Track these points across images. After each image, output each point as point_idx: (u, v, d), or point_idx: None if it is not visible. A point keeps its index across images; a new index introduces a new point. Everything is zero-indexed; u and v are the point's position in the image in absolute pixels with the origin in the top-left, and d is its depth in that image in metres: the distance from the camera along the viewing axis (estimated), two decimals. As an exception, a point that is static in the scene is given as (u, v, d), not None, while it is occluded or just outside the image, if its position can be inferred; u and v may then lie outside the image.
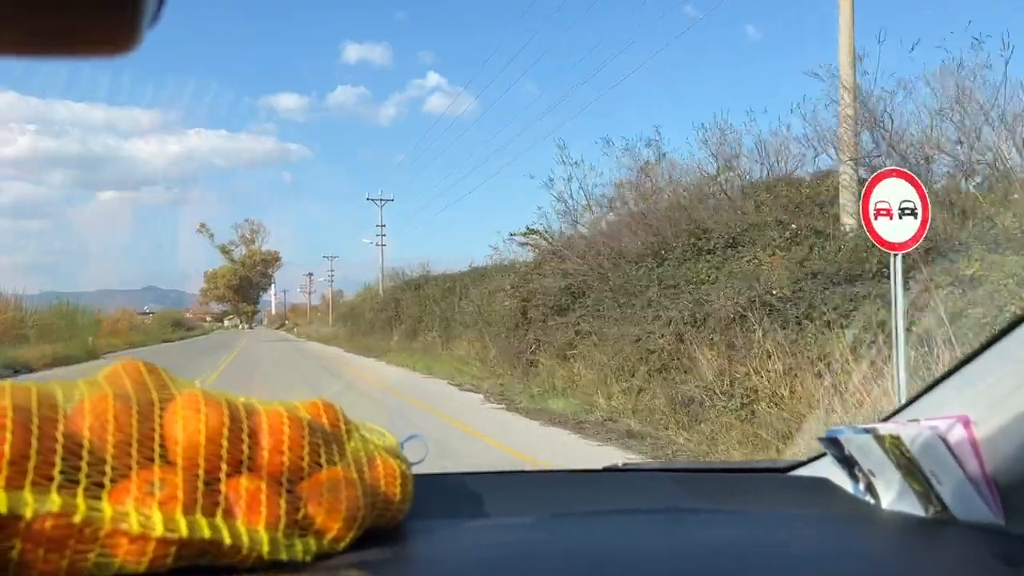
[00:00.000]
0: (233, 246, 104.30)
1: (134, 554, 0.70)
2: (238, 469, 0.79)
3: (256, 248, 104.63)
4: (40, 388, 0.76)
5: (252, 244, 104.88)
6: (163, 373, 0.86)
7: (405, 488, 0.94)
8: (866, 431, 1.06)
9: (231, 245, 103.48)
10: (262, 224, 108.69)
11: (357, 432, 0.94)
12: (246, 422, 0.81)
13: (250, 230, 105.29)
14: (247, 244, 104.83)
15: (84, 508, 0.69)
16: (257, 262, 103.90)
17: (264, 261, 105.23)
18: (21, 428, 0.70)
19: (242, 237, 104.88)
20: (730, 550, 0.93)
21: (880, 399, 5.70)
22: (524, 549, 0.91)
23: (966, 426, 0.93)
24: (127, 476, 0.73)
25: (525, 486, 1.32)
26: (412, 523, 0.97)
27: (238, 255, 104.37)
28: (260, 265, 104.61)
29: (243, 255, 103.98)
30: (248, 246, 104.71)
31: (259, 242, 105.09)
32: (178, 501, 0.73)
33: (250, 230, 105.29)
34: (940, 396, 1.03)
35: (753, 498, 1.22)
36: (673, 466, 1.48)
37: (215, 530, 0.73)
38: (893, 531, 1.03)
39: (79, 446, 0.72)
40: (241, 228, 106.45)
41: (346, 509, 0.82)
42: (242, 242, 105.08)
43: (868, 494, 1.13)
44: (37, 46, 0.42)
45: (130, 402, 0.78)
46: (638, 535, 1.00)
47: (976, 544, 0.93)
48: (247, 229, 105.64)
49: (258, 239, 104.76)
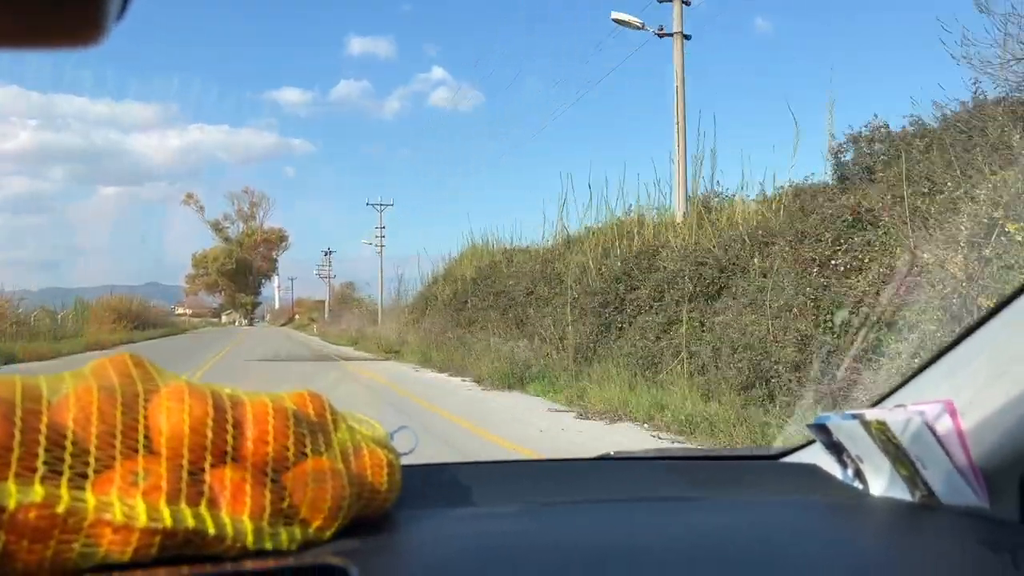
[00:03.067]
0: (228, 222, 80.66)
1: (118, 544, 0.71)
2: (223, 459, 0.79)
3: (257, 226, 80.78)
4: (24, 380, 0.76)
5: (252, 220, 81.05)
6: (149, 365, 0.87)
7: (392, 478, 0.94)
8: (853, 417, 1.07)
9: (225, 221, 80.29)
10: (264, 195, 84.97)
11: (344, 422, 0.94)
12: (231, 412, 0.81)
13: (249, 202, 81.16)
14: (245, 220, 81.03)
15: (68, 498, 0.69)
16: (258, 242, 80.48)
17: (267, 241, 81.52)
18: (4, 420, 0.70)
19: (239, 211, 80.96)
20: (720, 537, 0.93)
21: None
22: (514, 538, 0.91)
23: (951, 411, 0.93)
24: (111, 467, 0.74)
25: (516, 476, 1.33)
26: (401, 513, 0.97)
27: (234, 233, 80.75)
28: (262, 246, 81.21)
29: (240, 233, 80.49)
30: (247, 222, 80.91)
31: (261, 218, 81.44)
32: (162, 491, 0.73)
33: (249, 202, 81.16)
34: (926, 381, 1.03)
35: (743, 485, 1.23)
36: (664, 454, 1.49)
37: (199, 520, 0.74)
38: (881, 516, 1.03)
39: (63, 437, 0.73)
40: (237, 200, 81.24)
41: (331, 499, 0.82)
42: (239, 217, 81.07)
43: (856, 480, 1.13)
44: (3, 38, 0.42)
45: (115, 393, 0.78)
46: (629, 523, 1.01)
47: (962, 528, 0.93)
48: (245, 201, 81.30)
49: (259, 214, 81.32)
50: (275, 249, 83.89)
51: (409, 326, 23.10)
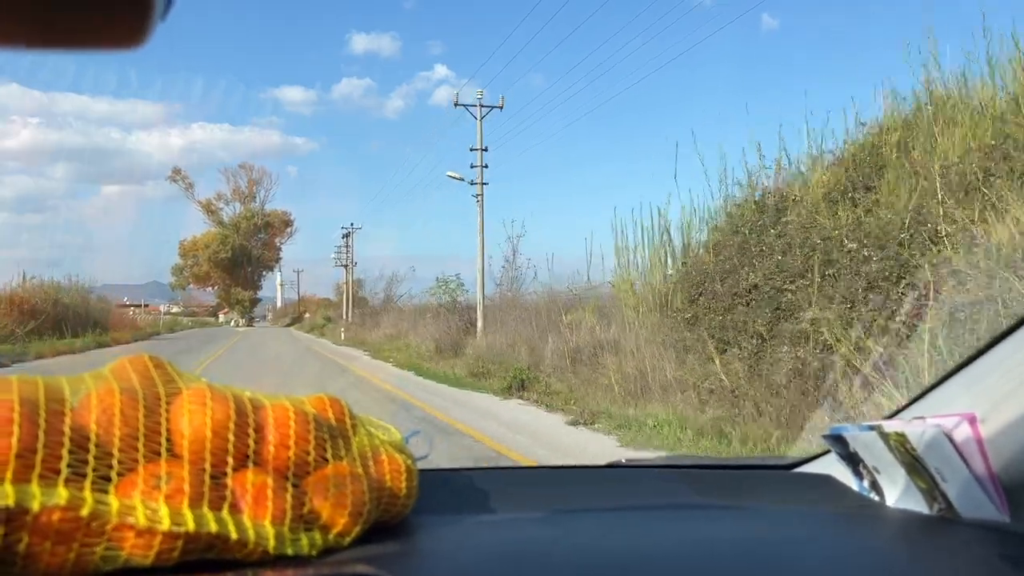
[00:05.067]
0: (223, 202, 65.82)
1: (141, 547, 0.71)
2: (244, 463, 0.79)
3: (257, 208, 66.15)
4: (47, 382, 0.76)
5: (251, 201, 66.11)
6: (170, 367, 0.86)
7: (411, 483, 0.94)
8: (871, 428, 1.06)
9: (219, 201, 65.64)
10: (266, 171, 70.31)
11: (363, 427, 0.94)
12: (252, 416, 0.81)
13: (248, 180, 66.15)
14: (243, 200, 66.03)
15: (91, 501, 0.69)
16: (258, 226, 66.12)
17: (268, 225, 67.13)
18: (28, 421, 0.70)
19: (235, 191, 65.87)
20: (733, 547, 0.93)
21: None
22: (528, 545, 0.91)
23: (972, 423, 0.93)
24: (134, 470, 0.74)
25: (530, 482, 1.33)
26: (418, 518, 0.97)
27: (230, 215, 65.90)
28: (263, 231, 66.89)
29: (237, 215, 65.89)
30: (245, 204, 66.10)
31: (262, 198, 66.55)
32: (184, 495, 0.73)
33: (248, 180, 66.15)
34: (946, 393, 1.03)
35: (757, 495, 1.22)
36: (677, 462, 1.48)
37: (221, 524, 0.74)
38: (897, 529, 1.03)
39: (86, 439, 0.72)
40: (233, 176, 66.39)
41: (352, 504, 0.82)
42: (235, 198, 66.07)
43: (872, 491, 1.13)
44: (49, 40, 0.42)
45: (136, 396, 0.78)
46: (642, 531, 1.00)
47: (981, 542, 0.93)
48: (242, 178, 66.26)
49: (260, 194, 66.51)
50: (278, 236, 68.85)
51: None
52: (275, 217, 67.53)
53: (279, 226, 68.11)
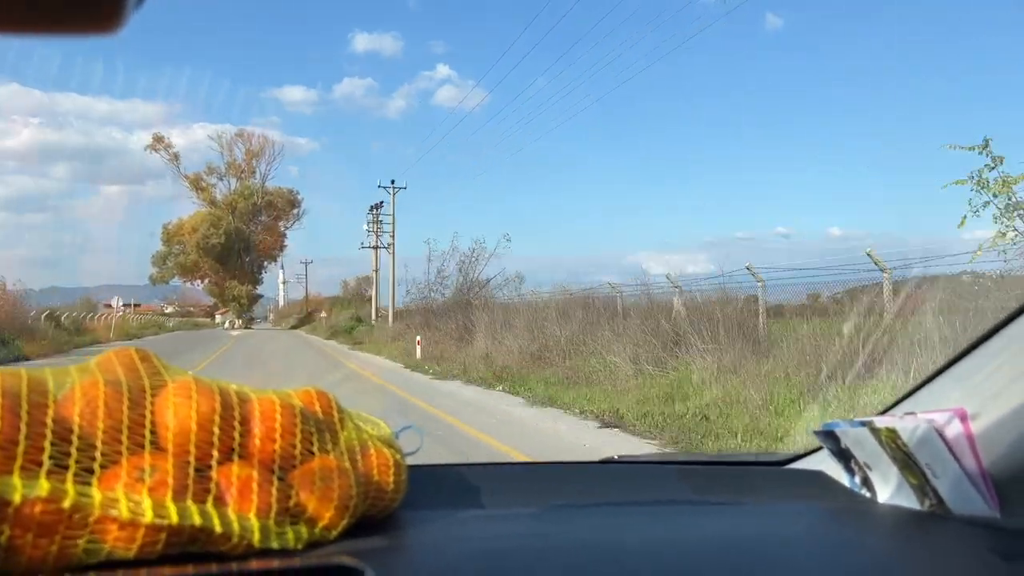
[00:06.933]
0: (215, 178, 50.24)
1: (124, 540, 0.70)
2: (229, 456, 0.78)
3: (256, 185, 50.61)
4: (30, 374, 0.76)
5: (250, 176, 50.59)
6: (156, 360, 0.86)
7: (398, 477, 0.93)
8: (862, 424, 1.06)
9: (210, 176, 50.17)
10: (267, 138, 52.97)
11: (351, 421, 0.93)
12: (238, 409, 0.81)
13: (246, 150, 50.35)
14: (240, 176, 50.59)
15: (73, 493, 0.69)
16: (257, 206, 50.93)
17: (270, 205, 51.54)
18: (10, 413, 0.69)
19: (230, 164, 50.41)
20: (726, 542, 0.93)
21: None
22: (518, 540, 0.91)
23: (963, 420, 0.92)
24: (117, 462, 0.73)
25: (521, 478, 1.32)
26: (406, 513, 0.96)
27: (224, 193, 50.42)
28: (263, 212, 51.57)
29: (232, 193, 50.52)
30: (242, 180, 50.62)
31: (261, 174, 50.80)
32: (168, 487, 0.73)
33: (246, 150, 50.35)
34: (937, 389, 1.03)
35: (749, 491, 1.22)
36: (669, 458, 1.48)
37: (205, 517, 0.73)
38: (889, 524, 1.03)
39: (69, 431, 0.72)
40: (228, 144, 50.29)
41: (338, 497, 0.82)
42: (230, 172, 50.69)
43: (864, 487, 1.13)
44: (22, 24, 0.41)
45: (121, 388, 0.78)
46: (634, 527, 1.00)
47: (971, 538, 0.93)
48: (239, 148, 50.38)
49: (260, 169, 50.91)
50: (283, 219, 53.42)
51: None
52: (278, 196, 52.47)
53: (283, 207, 52.97)
